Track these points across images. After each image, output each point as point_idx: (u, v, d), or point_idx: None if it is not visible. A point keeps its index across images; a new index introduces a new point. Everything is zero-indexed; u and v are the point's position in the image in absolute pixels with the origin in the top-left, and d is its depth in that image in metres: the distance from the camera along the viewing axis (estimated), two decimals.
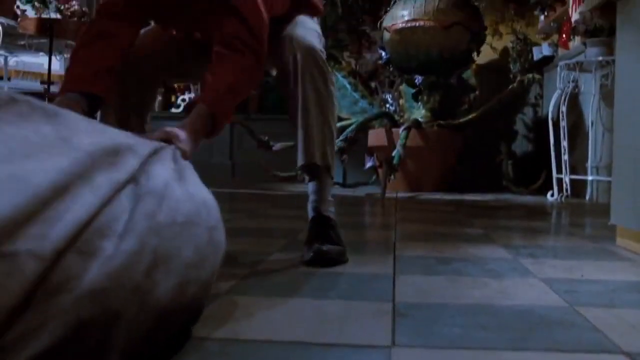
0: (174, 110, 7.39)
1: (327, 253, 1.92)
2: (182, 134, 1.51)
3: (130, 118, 2.04)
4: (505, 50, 6.87)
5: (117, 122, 1.98)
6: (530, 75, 5.88)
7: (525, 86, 5.85)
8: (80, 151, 0.94)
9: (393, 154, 5.10)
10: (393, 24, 5.78)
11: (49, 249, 0.79)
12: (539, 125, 6.54)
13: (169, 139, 1.39)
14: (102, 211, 0.89)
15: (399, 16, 5.75)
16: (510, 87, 5.84)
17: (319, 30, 2.22)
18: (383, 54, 6.05)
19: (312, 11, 2.26)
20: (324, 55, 2.08)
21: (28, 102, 0.98)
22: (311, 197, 2.10)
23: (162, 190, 1.03)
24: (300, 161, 2.05)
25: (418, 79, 5.99)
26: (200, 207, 1.12)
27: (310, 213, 2.09)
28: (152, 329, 0.94)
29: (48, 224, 0.80)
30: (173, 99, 7.46)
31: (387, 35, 5.87)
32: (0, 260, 0.74)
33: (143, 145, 1.11)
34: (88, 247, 0.84)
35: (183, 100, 7.42)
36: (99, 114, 1.90)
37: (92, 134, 1.02)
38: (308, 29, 2.13)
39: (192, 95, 7.39)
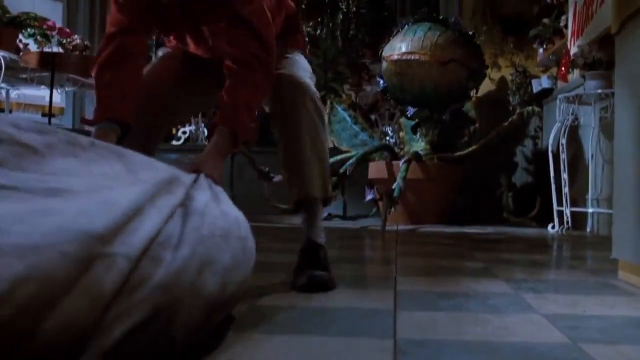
0: (174, 142, 7.40)
1: (319, 279, 2.01)
2: (209, 162, 1.77)
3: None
4: (504, 81, 6.91)
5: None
6: (529, 108, 5.89)
7: (524, 119, 5.85)
8: (147, 183, 1.28)
9: (393, 186, 5.10)
10: (390, 55, 5.79)
11: (134, 254, 1.07)
12: (539, 157, 6.55)
13: (198, 171, 1.63)
14: (164, 227, 1.18)
15: (397, 48, 5.76)
16: (510, 119, 5.84)
17: (311, 70, 2.36)
18: (381, 82, 6.07)
19: (299, 44, 2.40)
20: (317, 94, 2.21)
21: (104, 146, 1.37)
22: (303, 225, 2.19)
23: (202, 210, 1.34)
24: (297, 195, 2.14)
25: (410, 110, 5.99)
26: (232, 222, 1.44)
27: (305, 237, 2.17)
28: (203, 318, 1.21)
29: (131, 235, 1.09)
30: (174, 131, 7.47)
31: (384, 65, 5.89)
32: (103, 259, 1.01)
33: (185, 176, 1.49)
34: (155, 254, 1.12)
35: (184, 132, 7.43)
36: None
37: (148, 168, 1.39)
38: (302, 69, 2.25)
39: (193, 127, 7.41)
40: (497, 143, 5.78)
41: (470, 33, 5.80)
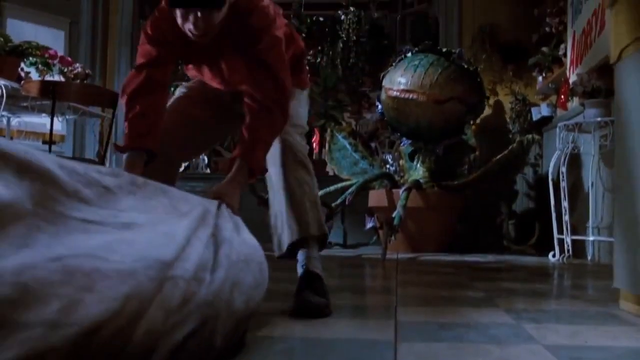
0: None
1: (313, 305, 2.10)
2: (229, 191, 2.00)
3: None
4: (503, 109, 6.94)
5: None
6: (529, 136, 5.89)
7: (524, 147, 5.84)
8: (190, 217, 1.57)
9: (393, 214, 5.09)
10: (389, 88, 5.79)
11: (188, 276, 1.33)
12: (539, 185, 6.55)
13: (220, 198, 1.88)
14: (203, 253, 1.45)
15: (397, 82, 5.72)
16: (510, 147, 5.84)
17: (306, 115, 2.60)
18: (379, 107, 6.07)
19: (303, 82, 2.58)
20: (304, 149, 2.42)
21: (152, 184, 1.62)
22: (300, 257, 2.33)
23: (230, 239, 1.61)
24: (293, 237, 2.29)
25: (404, 142, 6.01)
26: (252, 249, 1.73)
27: (299, 270, 2.30)
28: (233, 328, 1.49)
29: (185, 261, 1.36)
30: None
31: (383, 95, 5.90)
32: (170, 280, 1.27)
33: (212, 205, 1.74)
34: (198, 276, 1.37)
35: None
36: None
37: (185, 201, 1.65)
38: (295, 117, 2.43)
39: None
40: (498, 171, 5.77)
41: (472, 69, 5.76)
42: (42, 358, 1.00)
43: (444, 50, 5.86)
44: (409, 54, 5.87)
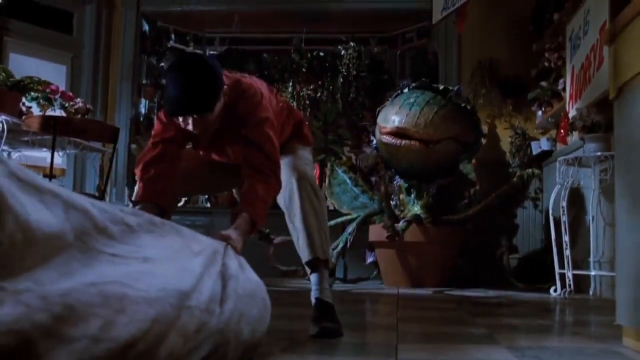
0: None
1: (330, 329, 2.51)
2: (234, 235, 2.23)
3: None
4: (503, 143, 6.95)
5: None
6: (529, 170, 5.88)
7: (524, 181, 5.83)
8: (203, 255, 1.77)
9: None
10: (383, 127, 5.75)
11: (202, 306, 1.54)
12: (540, 220, 6.54)
13: (225, 240, 2.09)
14: (214, 287, 1.65)
15: (390, 120, 5.67)
16: (510, 182, 5.82)
17: (311, 159, 3.01)
18: (374, 142, 6.07)
19: (304, 141, 3.01)
20: (315, 181, 2.83)
21: (168, 223, 1.80)
22: (313, 287, 2.70)
23: (236, 275, 1.81)
24: (305, 257, 2.68)
25: (397, 180, 6.02)
26: (255, 285, 1.94)
27: (313, 298, 2.67)
28: (241, 356, 1.74)
29: (199, 293, 1.56)
30: None
31: (377, 132, 5.89)
32: (187, 309, 1.47)
33: (220, 246, 1.94)
34: (210, 308, 1.57)
35: None
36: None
37: (196, 241, 1.85)
38: (305, 161, 2.88)
39: None
40: (498, 205, 5.75)
41: (469, 107, 5.75)
42: None
43: (441, 87, 5.86)
44: (405, 90, 5.86)
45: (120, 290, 1.32)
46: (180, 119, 2.46)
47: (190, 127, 2.45)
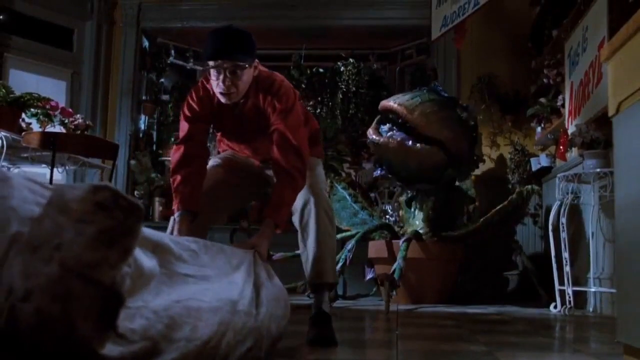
0: None
1: (326, 337, 2.76)
2: (259, 243, 2.54)
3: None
4: (502, 160, 6.96)
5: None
6: (529, 187, 5.86)
7: (524, 197, 5.80)
8: (242, 269, 2.22)
9: (393, 267, 5.05)
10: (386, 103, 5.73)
11: (246, 310, 2.04)
12: (540, 236, 6.53)
13: (252, 248, 2.46)
14: (252, 295, 2.13)
15: (390, 101, 5.68)
16: (509, 198, 5.80)
17: (324, 177, 3.20)
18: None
19: (319, 152, 3.21)
20: (329, 203, 3.02)
21: (216, 245, 2.20)
22: (316, 301, 2.94)
23: (265, 283, 2.28)
24: (312, 278, 2.91)
25: (378, 171, 6.00)
26: (280, 291, 2.42)
27: (314, 308, 2.93)
28: (270, 346, 2.23)
29: (243, 300, 2.06)
30: None
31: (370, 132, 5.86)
32: (237, 313, 1.97)
33: (250, 256, 2.36)
34: (250, 311, 2.07)
35: None
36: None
37: (235, 256, 2.27)
38: (321, 181, 3.07)
39: None
40: (498, 222, 5.70)
41: (472, 123, 5.71)
42: (185, 358, 1.69)
43: (450, 96, 5.87)
44: (416, 90, 5.86)
45: (195, 304, 1.79)
46: (213, 78, 2.75)
47: (221, 86, 2.72)
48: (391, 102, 5.62)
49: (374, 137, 5.67)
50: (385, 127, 5.69)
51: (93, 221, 1.43)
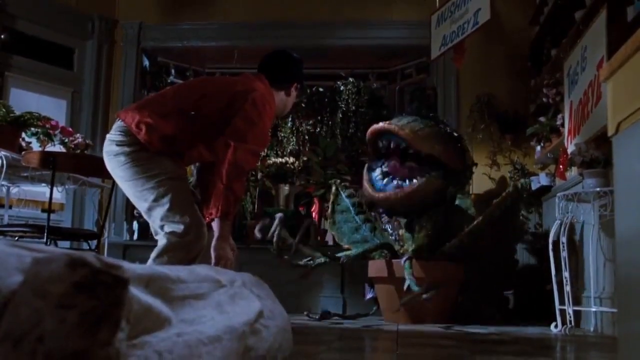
0: None
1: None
2: (220, 247, 2.92)
3: None
4: (503, 179, 6.96)
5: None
6: (523, 180, 5.85)
7: (520, 191, 5.76)
8: (244, 295, 2.18)
9: (407, 284, 5.05)
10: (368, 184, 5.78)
11: (263, 327, 2.06)
12: (540, 255, 6.51)
13: (221, 260, 2.94)
14: (256, 319, 2.08)
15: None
16: (506, 191, 5.73)
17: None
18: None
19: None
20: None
21: (227, 272, 2.28)
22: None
23: (266, 306, 2.25)
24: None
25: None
26: (276, 306, 2.38)
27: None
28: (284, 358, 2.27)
29: (255, 322, 2.02)
30: None
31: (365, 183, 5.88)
32: (252, 332, 1.96)
33: (242, 277, 2.35)
34: (256, 329, 2.02)
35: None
36: None
37: (237, 277, 2.29)
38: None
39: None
40: (498, 217, 5.62)
41: (455, 134, 5.74)
42: None
43: (430, 115, 5.91)
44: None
45: (203, 336, 1.76)
46: (298, 92, 3.87)
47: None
48: (381, 124, 5.64)
49: (370, 192, 5.68)
50: (376, 173, 5.71)
51: (74, 305, 1.28)
